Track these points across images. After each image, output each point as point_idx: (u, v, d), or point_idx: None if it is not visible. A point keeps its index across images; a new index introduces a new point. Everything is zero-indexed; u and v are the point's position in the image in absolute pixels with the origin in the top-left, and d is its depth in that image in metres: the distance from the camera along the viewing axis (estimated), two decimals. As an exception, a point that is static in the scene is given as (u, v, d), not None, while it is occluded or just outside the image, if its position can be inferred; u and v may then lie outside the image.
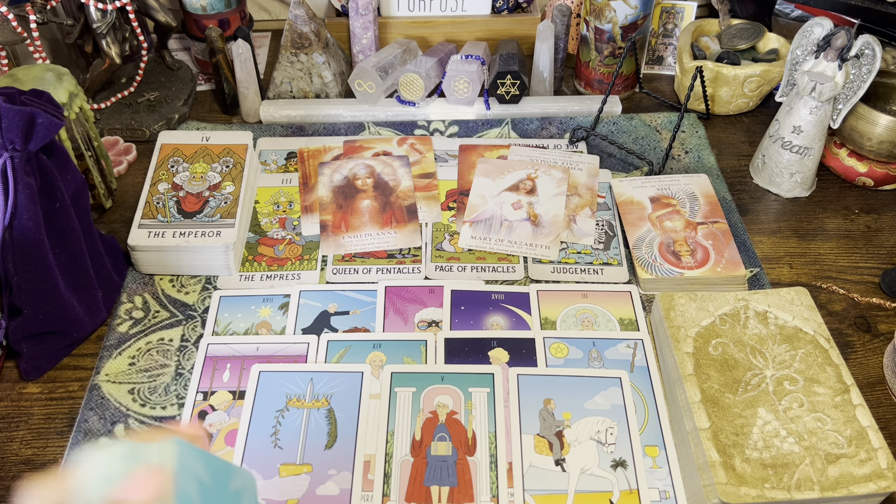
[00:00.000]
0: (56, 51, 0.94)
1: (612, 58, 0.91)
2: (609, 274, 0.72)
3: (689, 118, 0.91)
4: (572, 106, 0.91)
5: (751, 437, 0.54)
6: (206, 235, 0.69)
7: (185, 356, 0.64)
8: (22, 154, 0.57)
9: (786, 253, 0.75)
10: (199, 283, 0.71)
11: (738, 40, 0.94)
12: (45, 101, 0.61)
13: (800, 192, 0.81)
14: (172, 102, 0.91)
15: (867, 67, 0.73)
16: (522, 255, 0.74)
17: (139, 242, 0.69)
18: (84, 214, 0.65)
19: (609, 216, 0.78)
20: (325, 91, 0.92)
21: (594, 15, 0.89)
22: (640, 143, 0.87)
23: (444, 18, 0.97)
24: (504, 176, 0.81)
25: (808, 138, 0.77)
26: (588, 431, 0.58)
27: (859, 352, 0.66)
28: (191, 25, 0.94)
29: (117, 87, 0.93)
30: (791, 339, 0.61)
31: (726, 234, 0.74)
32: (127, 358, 0.64)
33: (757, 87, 0.89)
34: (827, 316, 0.69)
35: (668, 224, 0.75)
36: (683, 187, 0.79)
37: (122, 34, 0.86)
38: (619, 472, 0.56)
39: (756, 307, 0.63)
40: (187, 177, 0.74)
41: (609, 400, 0.60)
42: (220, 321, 0.67)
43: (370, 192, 0.79)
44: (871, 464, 0.52)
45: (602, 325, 0.67)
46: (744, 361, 0.59)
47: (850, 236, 0.77)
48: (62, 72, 0.71)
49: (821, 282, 0.72)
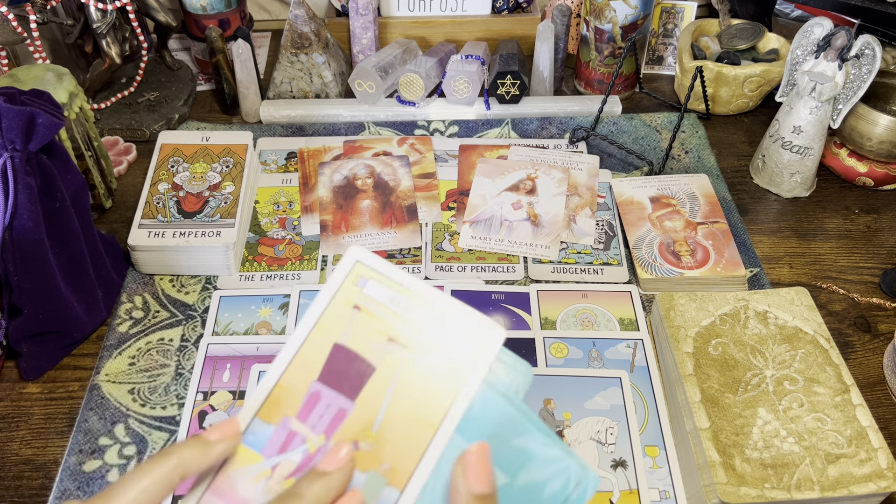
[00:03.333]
0: (56, 51, 0.94)
1: (612, 58, 0.91)
2: (609, 274, 0.72)
3: (689, 118, 0.91)
4: (572, 106, 0.91)
5: (751, 437, 0.54)
6: (206, 235, 0.69)
7: (185, 356, 0.64)
8: (22, 154, 0.57)
9: (786, 253, 0.75)
10: (199, 283, 0.71)
11: (738, 40, 0.94)
12: (45, 101, 0.61)
13: (800, 192, 0.81)
14: (172, 102, 0.91)
15: (867, 67, 0.73)
16: (522, 255, 0.74)
17: (139, 242, 0.69)
18: (84, 214, 0.65)
19: (609, 216, 0.78)
20: (325, 91, 0.92)
21: (594, 15, 0.89)
22: (640, 143, 0.87)
23: (444, 18, 0.97)
24: (504, 176, 0.81)
25: (809, 138, 0.77)
26: (588, 431, 0.58)
27: (859, 352, 0.66)
28: (191, 25, 0.94)
29: (117, 87, 0.93)
30: (791, 339, 0.61)
31: (726, 234, 0.74)
32: (127, 358, 0.64)
33: (757, 87, 0.89)
34: (827, 316, 0.69)
35: (668, 224, 0.75)
36: (683, 187, 0.79)
37: (122, 34, 0.86)
38: (618, 472, 0.56)
39: (756, 307, 0.63)
40: (187, 177, 0.74)
41: (609, 400, 0.60)
42: (220, 321, 0.67)
43: (370, 192, 0.79)
44: (871, 464, 0.52)
45: (602, 325, 0.67)
46: (744, 361, 0.59)
47: (850, 236, 0.77)
48: (62, 72, 0.71)
49: (821, 282, 0.72)
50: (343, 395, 0.32)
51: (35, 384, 0.63)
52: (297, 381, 0.32)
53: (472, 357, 0.32)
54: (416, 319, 0.32)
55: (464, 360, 0.32)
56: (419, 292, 0.33)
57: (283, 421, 0.32)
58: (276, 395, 0.32)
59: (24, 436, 0.59)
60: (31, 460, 0.58)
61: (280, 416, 0.32)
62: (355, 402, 0.32)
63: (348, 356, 0.32)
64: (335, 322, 0.33)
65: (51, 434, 0.59)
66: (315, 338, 0.33)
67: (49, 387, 0.63)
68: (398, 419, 0.32)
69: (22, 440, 0.59)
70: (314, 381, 0.32)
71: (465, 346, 0.32)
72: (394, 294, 0.33)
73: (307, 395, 0.32)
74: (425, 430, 0.31)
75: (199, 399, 0.61)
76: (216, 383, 0.62)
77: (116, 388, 0.62)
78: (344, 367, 0.32)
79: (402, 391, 0.32)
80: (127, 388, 0.62)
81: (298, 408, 0.32)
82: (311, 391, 0.32)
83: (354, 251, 0.33)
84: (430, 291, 0.33)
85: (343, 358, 0.32)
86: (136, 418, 0.60)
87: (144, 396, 0.62)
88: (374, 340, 0.32)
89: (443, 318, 0.32)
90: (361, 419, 0.32)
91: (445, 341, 0.32)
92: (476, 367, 0.32)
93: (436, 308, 0.33)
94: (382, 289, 0.33)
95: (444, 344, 0.32)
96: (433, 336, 0.32)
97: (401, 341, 0.32)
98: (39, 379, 0.63)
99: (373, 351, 0.32)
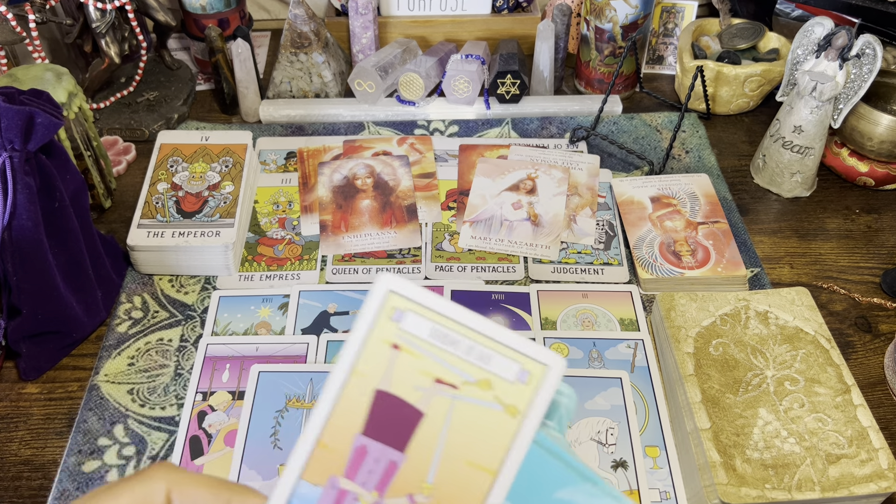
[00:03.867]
0: (55, 50, 0.93)
1: (612, 57, 0.91)
2: (609, 274, 0.72)
3: (690, 118, 0.91)
4: (572, 106, 0.91)
5: (751, 438, 0.54)
6: (206, 235, 0.69)
7: (185, 356, 0.64)
8: (21, 154, 0.57)
9: (786, 253, 0.75)
10: (198, 283, 0.70)
11: (738, 40, 0.93)
12: (45, 101, 0.61)
13: (800, 192, 0.81)
14: (172, 102, 0.91)
15: (868, 67, 0.73)
16: (522, 255, 0.73)
17: (138, 242, 0.69)
18: (83, 214, 0.65)
19: (609, 216, 0.78)
20: (325, 91, 0.92)
21: (594, 14, 0.89)
22: (640, 143, 0.87)
23: (444, 18, 0.97)
24: (504, 176, 0.81)
25: (809, 138, 0.77)
26: (588, 432, 0.58)
27: (860, 352, 0.66)
28: (190, 25, 0.94)
29: (116, 86, 0.93)
30: (792, 339, 0.60)
31: (727, 233, 0.74)
32: (126, 358, 0.64)
33: (758, 86, 0.89)
34: (827, 316, 0.69)
35: (669, 224, 0.75)
36: (684, 187, 0.79)
37: (121, 34, 0.86)
38: (619, 473, 0.56)
39: (757, 307, 0.63)
40: (186, 176, 0.74)
41: (609, 400, 0.60)
42: (220, 321, 0.67)
43: (370, 191, 0.79)
44: (871, 464, 0.52)
45: (602, 326, 0.67)
46: (744, 362, 0.59)
47: (850, 236, 0.77)
48: (61, 71, 0.70)
49: (821, 282, 0.72)
50: (392, 448, 0.30)
51: (34, 384, 0.63)
52: (339, 435, 0.30)
53: (529, 393, 0.29)
54: (464, 355, 0.30)
55: (525, 394, 0.30)
56: (464, 322, 0.30)
57: (330, 481, 0.29)
58: (319, 454, 0.29)
59: (24, 436, 0.59)
60: (31, 461, 0.58)
61: (326, 475, 0.29)
62: (405, 452, 0.30)
63: (392, 403, 0.30)
64: (373, 366, 0.30)
65: (50, 434, 0.59)
66: (353, 386, 0.30)
67: (48, 387, 0.63)
68: (454, 467, 0.29)
69: (21, 440, 0.59)
70: (358, 434, 0.30)
71: (519, 380, 0.30)
72: (436, 327, 0.30)
73: (352, 450, 0.30)
74: (484, 477, 0.29)
75: (199, 399, 0.61)
76: (215, 384, 0.62)
77: (116, 388, 0.62)
78: (389, 416, 0.30)
79: (456, 436, 0.30)
80: (126, 389, 0.62)
81: (345, 465, 0.29)
82: (356, 445, 0.30)
83: (386, 280, 0.30)
84: (477, 321, 0.30)
85: (387, 406, 0.30)
86: (135, 419, 0.60)
87: (144, 397, 0.61)
88: (418, 382, 0.30)
89: (494, 352, 0.30)
90: (414, 470, 0.29)
91: (498, 377, 0.30)
92: (534, 405, 0.29)
93: (485, 340, 0.30)
94: (423, 321, 0.30)
95: (496, 380, 0.30)
96: (484, 373, 0.30)
97: (448, 381, 0.30)
98: (38, 379, 0.63)
99: (419, 395, 0.30)
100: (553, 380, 0.29)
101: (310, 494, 0.29)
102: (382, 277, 0.30)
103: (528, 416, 0.29)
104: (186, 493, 0.30)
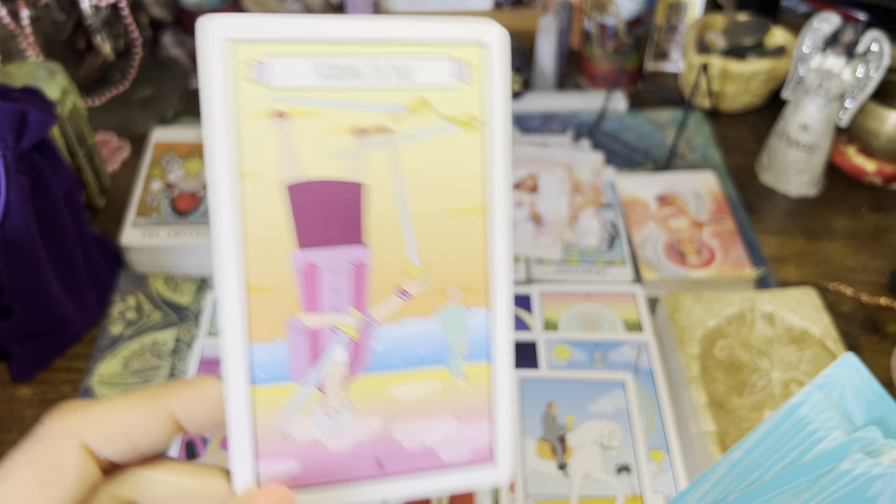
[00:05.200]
0: (48, 47, 0.92)
1: (615, 53, 0.90)
2: (613, 274, 0.71)
3: (695, 115, 0.90)
4: (575, 102, 0.90)
5: (758, 443, 0.53)
6: (201, 235, 0.68)
7: (180, 358, 0.63)
8: (13, 152, 0.56)
9: (793, 252, 0.74)
10: (193, 284, 0.69)
11: (744, 36, 0.92)
12: (37, 98, 0.60)
13: (807, 191, 0.80)
14: (166, 99, 0.90)
15: (875, 64, 0.72)
16: (524, 255, 0.72)
17: (132, 242, 0.68)
18: (77, 213, 0.64)
19: (613, 215, 0.77)
20: (324, 87, 0.91)
21: (598, 10, 0.88)
22: (644, 141, 0.86)
23: (444, 13, 0.96)
24: (505, 174, 0.80)
25: (816, 136, 0.76)
26: (591, 435, 0.57)
27: (867, 353, 0.65)
28: (186, 21, 0.93)
29: (110, 83, 0.91)
30: (798, 340, 0.59)
31: (732, 233, 0.72)
32: (120, 359, 0.63)
33: (764, 83, 0.88)
34: (834, 317, 0.67)
35: (674, 223, 0.74)
36: (689, 185, 0.77)
37: (115, 30, 0.85)
38: (622, 477, 0.55)
39: (763, 308, 0.62)
40: (181, 175, 0.73)
41: (613, 403, 0.59)
42: (215, 323, 0.66)
43: (369, 190, 0.78)
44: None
45: (606, 327, 0.66)
46: (750, 364, 0.58)
47: (858, 236, 0.76)
48: (54, 68, 0.69)
49: (828, 282, 0.71)
50: (345, 245, 0.23)
51: (27, 386, 0.62)
52: (268, 265, 0.22)
53: (480, 89, 0.22)
54: (375, 82, 0.22)
55: (474, 96, 0.22)
56: (351, 35, 0.22)
57: (289, 327, 0.23)
58: (256, 302, 0.22)
59: (17, 439, 0.58)
60: (22, 465, 0.57)
61: (280, 323, 0.23)
62: (365, 243, 0.23)
63: (316, 191, 0.22)
64: (263, 157, 0.22)
65: (42, 438, 0.58)
66: (251, 197, 0.22)
67: (41, 389, 0.62)
68: (434, 228, 0.23)
69: (14, 443, 0.58)
70: (293, 251, 0.22)
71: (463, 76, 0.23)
72: (318, 61, 0.21)
73: (297, 274, 0.23)
74: (474, 220, 0.23)
75: (194, 402, 0.60)
76: (211, 386, 0.61)
77: (109, 389, 0.61)
78: (321, 210, 0.22)
79: (417, 191, 0.23)
80: (120, 390, 0.61)
81: (298, 298, 0.23)
82: (299, 266, 0.22)
83: (214, 26, 0.21)
84: (364, 26, 0.22)
85: (310, 198, 0.22)
86: (129, 422, 0.59)
87: (138, 399, 0.60)
88: (336, 147, 0.22)
89: (409, 58, 0.22)
90: (389, 258, 0.23)
91: (432, 88, 0.22)
92: (492, 103, 0.22)
93: (390, 48, 0.22)
94: (297, 62, 0.21)
95: (432, 94, 0.22)
96: (412, 93, 0.22)
97: (373, 125, 0.22)
98: (31, 381, 0.62)
99: (344, 163, 0.22)
100: (500, 58, 0.22)
101: (273, 356, 0.23)
102: (206, 22, 0.21)
103: (493, 118, 0.23)
104: (105, 431, 0.24)
